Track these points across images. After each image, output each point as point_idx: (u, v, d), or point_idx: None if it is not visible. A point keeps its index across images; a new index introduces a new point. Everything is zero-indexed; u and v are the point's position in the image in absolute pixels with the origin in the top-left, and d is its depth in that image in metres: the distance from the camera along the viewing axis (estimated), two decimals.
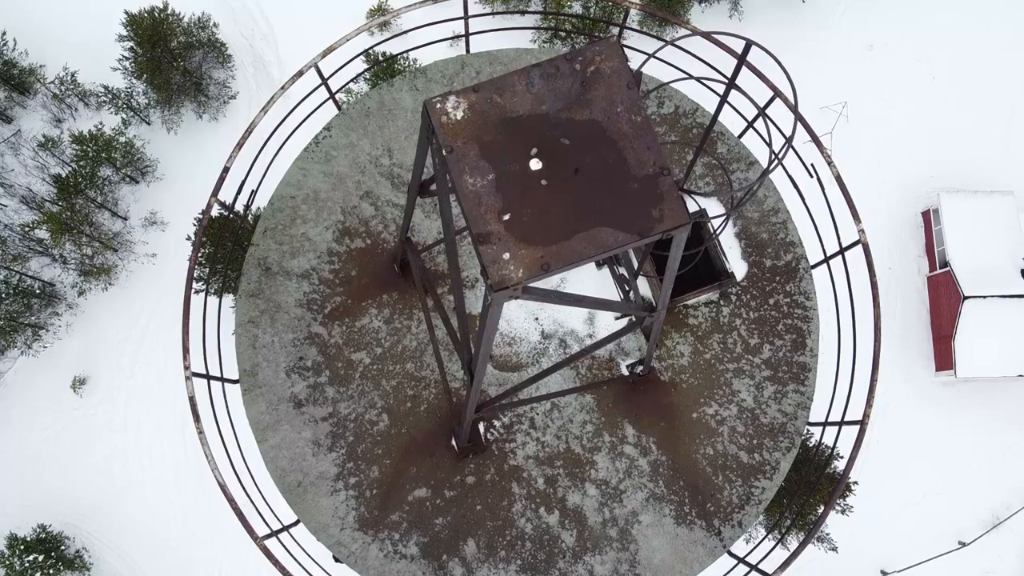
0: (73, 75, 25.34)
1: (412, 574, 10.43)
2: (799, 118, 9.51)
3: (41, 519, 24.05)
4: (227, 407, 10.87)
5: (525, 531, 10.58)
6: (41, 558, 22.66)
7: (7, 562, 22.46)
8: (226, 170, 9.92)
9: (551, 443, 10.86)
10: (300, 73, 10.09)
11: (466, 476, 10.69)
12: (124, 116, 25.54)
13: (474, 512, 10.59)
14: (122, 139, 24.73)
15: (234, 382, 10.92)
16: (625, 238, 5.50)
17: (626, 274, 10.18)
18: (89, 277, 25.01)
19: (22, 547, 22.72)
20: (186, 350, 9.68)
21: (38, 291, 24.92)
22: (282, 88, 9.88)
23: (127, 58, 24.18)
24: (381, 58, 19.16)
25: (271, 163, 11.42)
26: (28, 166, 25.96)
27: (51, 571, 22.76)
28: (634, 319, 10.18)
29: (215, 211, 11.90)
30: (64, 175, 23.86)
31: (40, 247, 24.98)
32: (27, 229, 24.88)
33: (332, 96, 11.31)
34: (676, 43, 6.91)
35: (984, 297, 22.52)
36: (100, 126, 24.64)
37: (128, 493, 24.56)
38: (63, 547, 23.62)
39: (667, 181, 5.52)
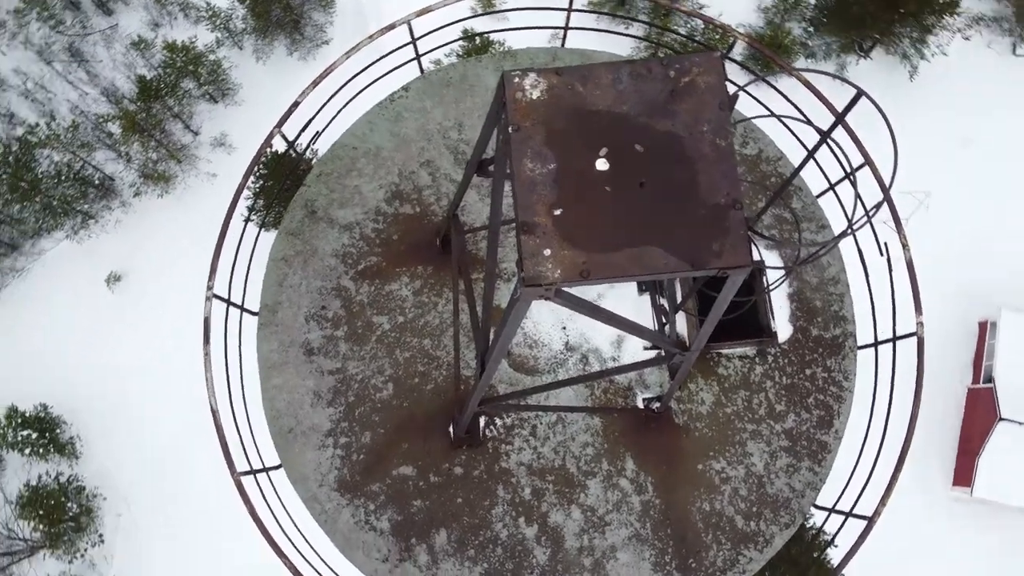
0: None
1: (378, 548, 10.21)
2: (888, 198, 9.02)
3: (45, 399, 24.44)
4: (240, 338, 10.77)
5: (500, 536, 10.29)
6: (35, 436, 23.07)
7: (1, 431, 22.89)
8: (296, 104, 9.81)
9: (548, 456, 10.54)
10: (392, 26, 9.93)
11: (455, 466, 10.44)
12: (219, 36, 25.87)
13: (454, 504, 10.33)
14: (211, 57, 25.05)
15: (253, 314, 10.83)
16: (677, 264, 5.14)
17: (667, 306, 9.81)
18: (148, 180, 25.42)
19: (19, 420, 23.15)
20: (213, 270, 9.60)
21: (97, 182, 25.38)
22: (370, 37, 9.74)
23: None
24: (475, 32, 19.06)
25: (341, 110, 11.29)
26: (117, 61, 26.45)
27: (41, 450, 23.16)
28: (664, 353, 9.81)
29: (277, 143, 11.82)
30: (149, 78, 24.25)
31: (109, 141, 25.44)
32: (101, 120, 25.36)
33: (418, 57, 11.15)
34: (769, 79, 6.53)
35: (1020, 423, 21.67)
36: (194, 39, 24.98)
37: (135, 396, 24.84)
38: (58, 430, 24.02)
39: (737, 216, 5.14)
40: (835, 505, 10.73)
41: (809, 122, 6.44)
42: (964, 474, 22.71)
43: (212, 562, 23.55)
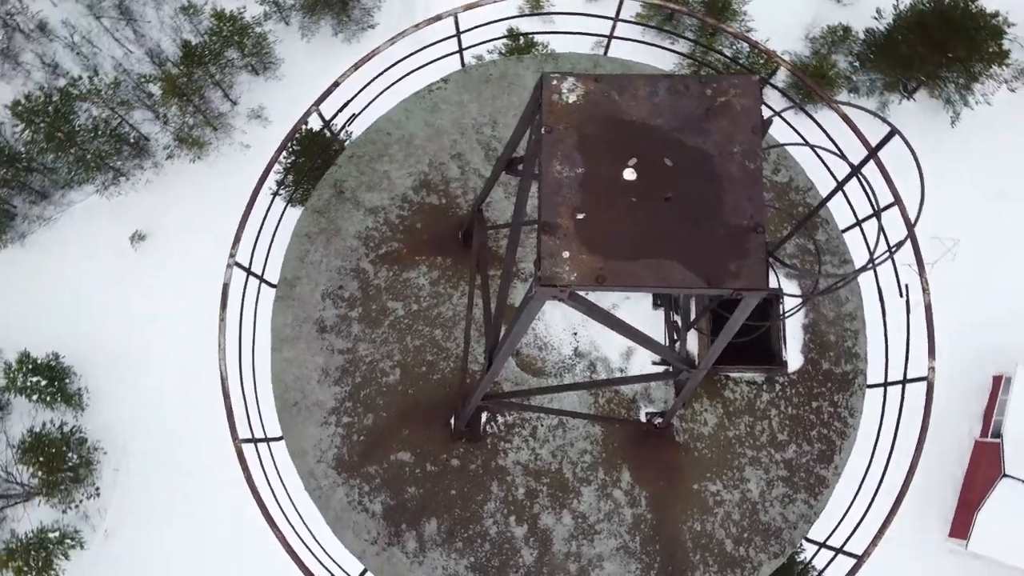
0: None
1: (368, 530, 10.30)
2: (912, 237, 8.96)
3: (58, 348, 24.72)
4: (256, 309, 10.90)
5: (489, 532, 10.34)
6: (44, 383, 23.37)
7: (11, 375, 23.20)
8: (335, 84, 9.92)
9: (545, 458, 10.58)
10: (439, 17, 10.02)
11: (452, 458, 10.50)
12: (267, 9, 26.13)
13: (447, 495, 10.40)
14: (258, 29, 25.31)
15: (272, 286, 10.97)
16: (692, 280, 5.17)
17: (679, 323, 9.82)
18: (182, 144, 25.72)
19: (30, 366, 23.44)
20: (237, 239, 9.73)
21: (132, 140, 25.70)
22: (416, 26, 9.83)
23: None
24: (520, 32, 19.16)
25: (380, 95, 11.40)
26: (164, 24, 26.77)
27: (48, 398, 23.45)
28: (672, 369, 9.82)
29: (313, 121, 11.96)
30: (194, 44, 24.52)
31: (148, 101, 25.76)
32: (143, 80, 25.67)
33: (460, 51, 11.23)
34: (807, 109, 6.53)
35: (1023, 481, 21.50)
36: (242, 10, 25.24)
37: (146, 356, 25.09)
38: (67, 380, 24.30)
39: (758, 239, 5.17)
40: (827, 540, 10.69)
41: (842, 155, 6.44)
42: (962, 526, 22.49)
43: (204, 526, 23.80)
